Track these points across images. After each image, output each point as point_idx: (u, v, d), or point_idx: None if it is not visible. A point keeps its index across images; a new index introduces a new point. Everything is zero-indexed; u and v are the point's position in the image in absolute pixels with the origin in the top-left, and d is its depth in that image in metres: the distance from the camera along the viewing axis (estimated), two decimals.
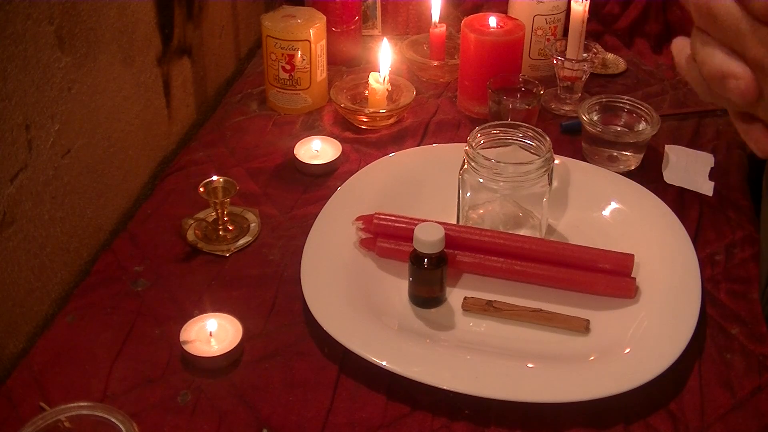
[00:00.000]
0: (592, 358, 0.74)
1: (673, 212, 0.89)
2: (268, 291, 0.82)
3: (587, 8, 1.08)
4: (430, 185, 0.94)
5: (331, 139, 1.03)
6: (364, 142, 1.06)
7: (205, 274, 0.84)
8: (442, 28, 1.20)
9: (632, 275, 0.81)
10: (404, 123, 1.11)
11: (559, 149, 1.01)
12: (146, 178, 1.00)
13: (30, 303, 0.78)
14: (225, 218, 0.88)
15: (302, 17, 1.09)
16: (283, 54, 1.08)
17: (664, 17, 1.30)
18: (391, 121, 1.10)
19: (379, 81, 1.09)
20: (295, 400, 0.70)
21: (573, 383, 0.70)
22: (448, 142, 1.06)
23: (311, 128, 1.09)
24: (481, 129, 0.85)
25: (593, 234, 0.89)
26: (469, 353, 0.74)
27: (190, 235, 0.88)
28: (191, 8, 1.07)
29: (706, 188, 0.97)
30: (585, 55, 1.11)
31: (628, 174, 0.97)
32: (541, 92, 1.04)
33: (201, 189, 0.87)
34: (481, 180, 0.82)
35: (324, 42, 1.10)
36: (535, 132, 0.84)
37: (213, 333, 0.74)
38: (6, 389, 0.71)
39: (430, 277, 0.78)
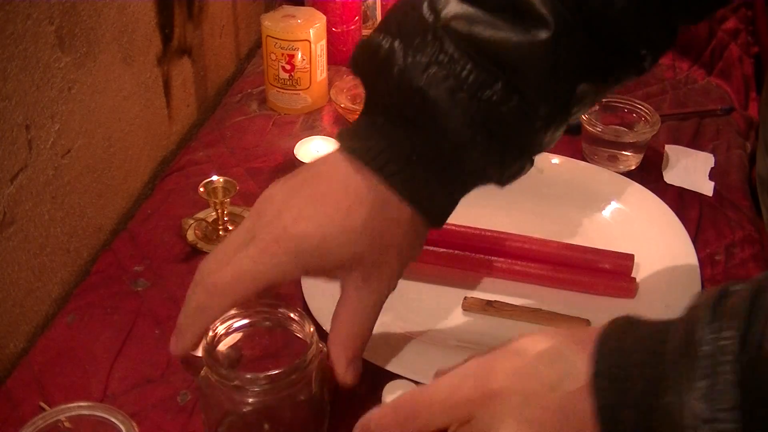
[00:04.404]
0: None
1: (673, 212, 0.89)
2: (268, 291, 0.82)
3: None
4: None
5: (331, 139, 1.03)
6: None
7: None
8: None
9: (632, 275, 0.81)
10: None
11: (559, 149, 1.01)
12: (146, 178, 1.00)
13: (30, 303, 0.78)
14: (225, 218, 0.88)
15: (302, 17, 1.09)
16: (283, 54, 1.08)
17: None
18: None
19: None
20: None
21: None
22: None
23: (311, 128, 1.09)
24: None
25: (593, 234, 0.88)
26: (469, 353, 0.74)
27: (190, 235, 0.88)
28: (191, 8, 1.07)
29: (706, 188, 0.97)
30: None
31: (628, 174, 0.97)
32: None
33: (201, 189, 0.87)
34: None
35: (324, 42, 1.10)
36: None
37: None
38: (6, 389, 0.71)
39: None
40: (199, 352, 0.72)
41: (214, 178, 0.88)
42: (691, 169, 1.00)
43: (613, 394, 0.46)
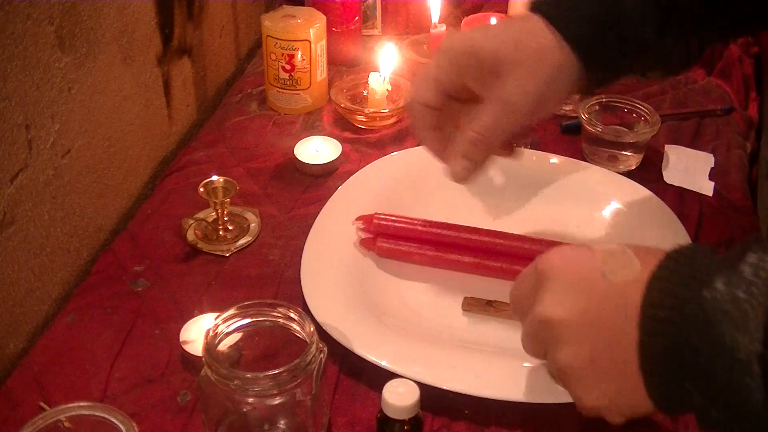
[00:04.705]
0: None
1: (673, 212, 0.89)
2: (268, 291, 0.82)
3: None
4: (430, 185, 0.94)
5: (331, 139, 1.03)
6: (364, 142, 1.06)
7: (205, 274, 0.84)
8: (442, 28, 1.20)
9: None
10: (404, 123, 1.11)
11: (559, 149, 1.02)
12: (146, 178, 1.00)
13: (30, 303, 0.78)
14: (225, 218, 0.88)
15: (302, 17, 1.09)
16: (283, 54, 1.08)
17: None
18: (391, 121, 1.10)
19: (379, 81, 1.09)
20: None
21: None
22: None
23: (311, 128, 1.09)
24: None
25: (593, 234, 0.88)
26: (469, 353, 0.74)
27: (190, 235, 0.88)
28: (191, 8, 1.07)
29: (706, 188, 0.97)
30: None
31: (628, 174, 0.97)
32: None
33: (201, 189, 0.87)
34: None
35: (324, 42, 1.10)
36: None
37: None
38: (6, 389, 0.71)
39: None
40: (197, 351, 0.72)
41: (214, 178, 0.88)
42: (691, 169, 1.00)
43: (663, 295, 0.50)
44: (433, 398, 0.69)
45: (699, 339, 0.47)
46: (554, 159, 0.97)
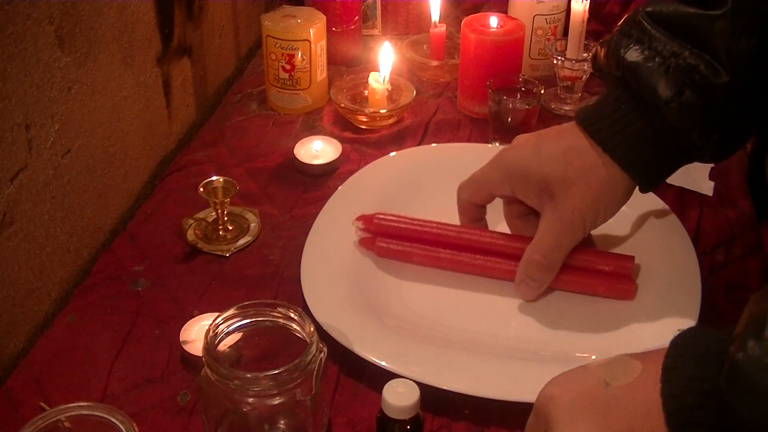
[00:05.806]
0: (592, 358, 0.73)
1: (673, 212, 0.89)
2: (268, 291, 0.82)
3: (587, 8, 1.08)
4: (430, 185, 0.94)
5: (331, 139, 1.03)
6: (364, 142, 1.06)
7: (205, 274, 0.84)
8: (442, 28, 1.20)
9: (632, 276, 0.81)
10: (404, 123, 1.11)
11: None
12: (146, 178, 1.00)
13: (30, 303, 0.78)
14: (225, 218, 0.88)
15: (302, 17, 1.09)
16: (283, 54, 1.08)
17: None
18: (391, 121, 1.10)
19: (379, 81, 1.09)
20: None
21: None
22: (448, 142, 1.06)
23: (311, 128, 1.09)
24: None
25: (593, 234, 0.88)
26: (469, 353, 0.74)
27: (190, 235, 0.88)
28: (191, 8, 1.07)
29: (706, 188, 0.97)
30: (585, 55, 1.11)
31: None
32: (541, 92, 1.04)
33: (201, 189, 0.87)
34: None
35: (324, 42, 1.10)
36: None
37: None
38: (6, 389, 0.71)
39: None
40: (197, 351, 0.72)
41: (214, 178, 0.88)
42: (691, 169, 0.99)
43: (683, 383, 0.46)
44: (433, 398, 0.69)
45: (746, 408, 0.42)
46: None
